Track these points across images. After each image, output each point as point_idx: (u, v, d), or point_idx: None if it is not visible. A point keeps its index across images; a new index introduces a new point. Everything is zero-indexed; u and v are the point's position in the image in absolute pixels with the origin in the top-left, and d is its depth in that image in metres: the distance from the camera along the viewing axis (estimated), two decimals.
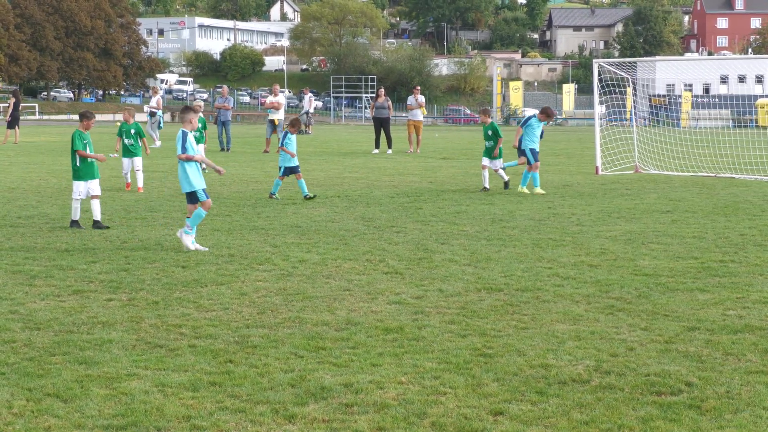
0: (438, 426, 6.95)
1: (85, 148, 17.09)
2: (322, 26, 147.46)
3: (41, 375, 8.08)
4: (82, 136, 17.08)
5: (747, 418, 7.10)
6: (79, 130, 17.17)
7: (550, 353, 8.81)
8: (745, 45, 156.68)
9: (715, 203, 21.24)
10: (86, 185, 17.04)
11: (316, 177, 27.23)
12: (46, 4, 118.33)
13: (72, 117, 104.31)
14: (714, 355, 8.77)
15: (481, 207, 20.30)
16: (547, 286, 11.93)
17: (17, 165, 31.58)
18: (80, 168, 17.11)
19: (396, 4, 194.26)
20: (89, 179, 17.07)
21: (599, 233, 16.50)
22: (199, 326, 9.80)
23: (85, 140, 17.10)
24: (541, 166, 32.88)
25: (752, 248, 14.89)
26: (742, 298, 11.24)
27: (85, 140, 17.10)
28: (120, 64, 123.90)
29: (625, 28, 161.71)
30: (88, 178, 17.06)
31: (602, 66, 33.27)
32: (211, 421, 7.02)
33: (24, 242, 15.20)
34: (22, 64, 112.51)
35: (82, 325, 9.83)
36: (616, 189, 24.53)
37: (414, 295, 11.38)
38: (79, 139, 17.04)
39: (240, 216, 18.60)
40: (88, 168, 17.13)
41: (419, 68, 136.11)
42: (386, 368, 8.33)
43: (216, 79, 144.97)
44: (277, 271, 12.89)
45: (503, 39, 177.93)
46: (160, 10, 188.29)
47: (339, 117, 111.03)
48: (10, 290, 11.50)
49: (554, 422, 7.02)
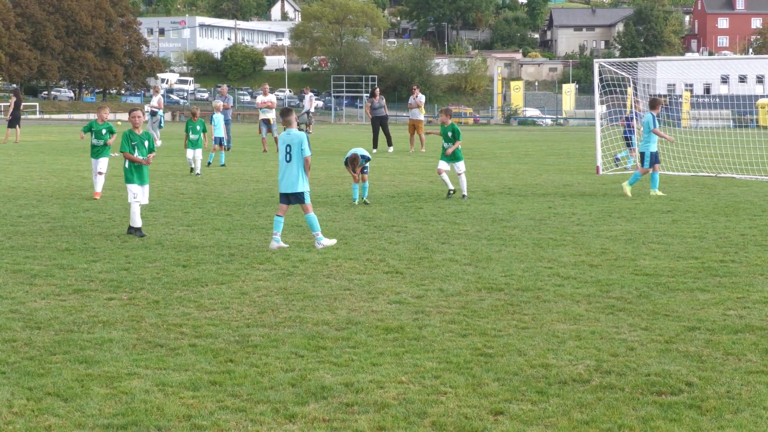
0: (438, 425, 6.95)
1: (133, 150, 16.31)
2: (323, 26, 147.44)
3: (42, 374, 8.08)
4: (131, 137, 16.31)
5: (747, 418, 7.10)
6: (129, 130, 16.45)
7: (550, 353, 8.81)
8: (745, 45, 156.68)
9: (715, 203, 21.23)
10: (141, 188, 16.30)
11: (317, 176, 27.22)
12: (46, 3, 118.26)
13: (72, 116, 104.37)
14: (714, 355, 8.77)
15: (482, 207, 20.29)
16: (548, 285, 11.93)
17: (18, 164, 31.58)
18: (128, 170, 16.38)
19: (397, 4, 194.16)
20: (140, 183, 16.33)
21: (600, 233, 16.50)
22: (200, 325, 9.81)
23: (134, 141, 16.31)
24: (542, 166, 32.92)
25: (753, 248, 14.89)
26: (743, 298, 11.24)
27: (134, 141, 16.31)
28: (121, 63, 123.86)
29: (625, 27, 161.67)
30: (139, 182, 16.31)
31: (603, 66, 33.25)
32: (211, 420, 7.02)
33: (24, 241, 15.21)
34: (22, 64, 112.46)
35: (82, 324, 9.84)
36: (617, 189, 24.52)
37: (414, 295, 11.38)
38: (126, 141, 16.27)
39: (240, 215, 18.60)
40: (138, 171, 16.38)
41: (420, 68, 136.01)
42: (387, 368, 8.33)
43: (217, 78, 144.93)
44: (278, 270, 12.90)
45: (504, 39, 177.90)
46: (161, 9, 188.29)
47: (339, 116, 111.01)
48: (10, 289, 11.50)
49: (554, 422, 7.02)
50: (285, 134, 14.82)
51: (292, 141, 14.67)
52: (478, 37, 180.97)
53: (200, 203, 20.54)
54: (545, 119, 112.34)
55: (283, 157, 14.73)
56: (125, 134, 16.43)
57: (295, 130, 14.75)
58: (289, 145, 14.68)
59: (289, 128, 14.85)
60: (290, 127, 14.87)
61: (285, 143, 14.72)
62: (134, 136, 16.41)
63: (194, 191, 23.16)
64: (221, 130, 31.87)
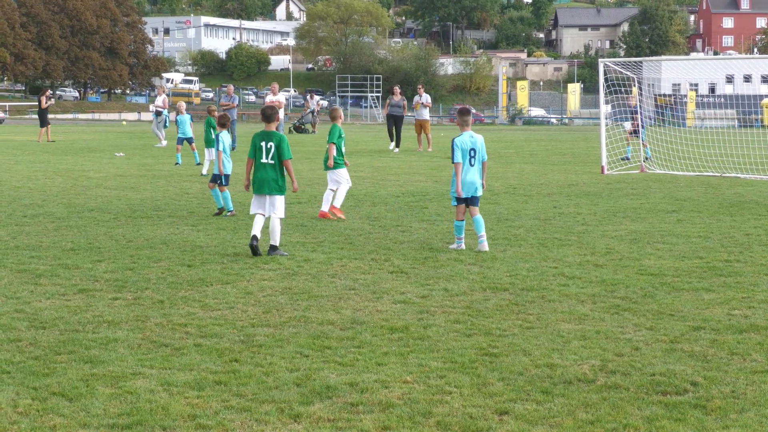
0: (443, 425, 6.95)
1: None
2: (328, 25, 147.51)
3: (46, 374, 8.09)
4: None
5: (752, 417, 7.09)
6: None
7: (555, 353, 8.81)
8: (750, 44, 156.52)
9: (720, 203, 21.21)
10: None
11: (321, 176, 27.19)
12: (51, 3, 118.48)
13: (77, 116, 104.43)
14: (719, 354, 8.76)
15: (487, 206, 20.27)
16: (553, 285, 11.92)
17: (23, 164, 31.61)
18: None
19: (402, 4, 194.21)
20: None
21: (605, 233, 16.49)
22: (205, 325, 9.81)
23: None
24: (546, 166, 32.90)
25: (757, 248, 14.87)
26: (748, 297, 11.23)
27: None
28: (126, 63, 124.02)
29: (630, 27, 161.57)
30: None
31: (608, 65, 33.22)
32: (216, 420, 7.02)
33: (29, 241, 15.22)
34: (27, 63, 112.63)
35: (87, 324, 9.84)
36: (622, 189, 24.51)
37: (419, 295, 11.38)
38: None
39: (245, 215, 18.58)
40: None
41: (425, 67, 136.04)
42: (391, 367, 8.33)
43: (221, 78, 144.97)
44: (283, 270, 12.90)
45: (509, 38, 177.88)
46: (166, 9, 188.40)
47: (344, 116, 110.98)
48: (15, 289, 11.51)
49: (559, 422, 7.02)
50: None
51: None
52: (483, 37, 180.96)
53: (205, 203, 20.55)
54: (550, 119, 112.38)
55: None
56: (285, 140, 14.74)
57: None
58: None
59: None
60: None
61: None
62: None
63: (199, 191, 23.18)
64: (189, 131, 31.85)
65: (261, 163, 14.09)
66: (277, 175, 14.04)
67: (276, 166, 14.04)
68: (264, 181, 14.04)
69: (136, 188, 23.62)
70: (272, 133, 14.21)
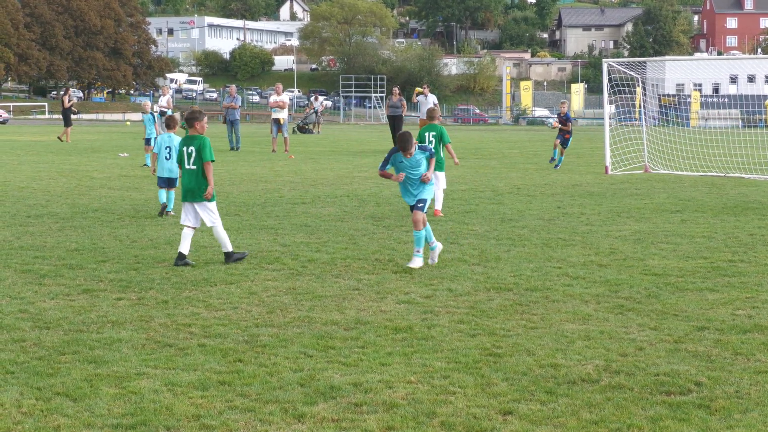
0: (447, 425, 6.94)
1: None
2: (332, 26, 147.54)
3: (51, 374, 8.09)
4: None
5: (756, 417, 7.09)
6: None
7: (559, 353, 8.80)
8: (754, 45, 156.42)
9: (724, 203, 21.20)
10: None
11: (325, 176, 27.24)
12: (55, 3, 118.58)
13: (81, 116, 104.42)
14: (723, 354, 8.76)
15: (491, 207, 20.28)
16: (557, 285, 11.92)
17: (27, 164, 31.64)
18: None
19: (405, 4, 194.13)
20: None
21: (608, 233, 16.48)
22: (209, 325, 9.81)
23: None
24: (550, 166, 32.87)
25: (761, 248, 14.86)
26: (752, 297, 11.22)
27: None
28: (129, 63, 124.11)
29: (634, 27, 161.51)
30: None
31: (612, 65, 33.23)
32: (220, 420, 7.03)
33: (33, 241, 15.23)
34: (31, 64, 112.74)
35: (91, 324, 9.85)
36: (626, 189, 24.50)
37: (423, 295, 11.38)
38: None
39: (249, 215, 18.61)
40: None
41: (429, 68, 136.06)
42: (395, 368, 8.33)
43: (225, 78, 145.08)
44: (287, 270, 12.90)
45: (513, 38, 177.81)
46: (170, 9, 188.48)
47: (348, 116, 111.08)
48: (19, 289, 11.52)
49: (563, 422, 7.01)
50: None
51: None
52: (487, 37, 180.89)
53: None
54: (549, 119, 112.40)
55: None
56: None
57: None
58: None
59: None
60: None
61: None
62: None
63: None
64: (152, 130, 31.76)
65: (185, 170, 13.51)
66: (200, 180, 13.40)
67: (198, 171, 13.42)
68: (188, 189, 13.49)
69: (140, 188, 23.63)
70: (194, 137, 13.53)
